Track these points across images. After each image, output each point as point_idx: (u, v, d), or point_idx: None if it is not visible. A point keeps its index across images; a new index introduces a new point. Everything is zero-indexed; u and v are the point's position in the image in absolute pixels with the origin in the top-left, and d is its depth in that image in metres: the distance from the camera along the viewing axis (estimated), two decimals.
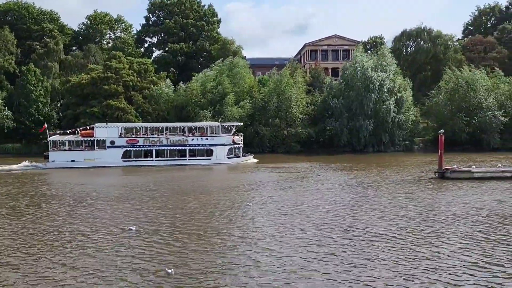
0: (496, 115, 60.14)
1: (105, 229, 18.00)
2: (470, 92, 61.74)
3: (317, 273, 12.69)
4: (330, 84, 65.92)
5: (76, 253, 14.77)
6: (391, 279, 12.20)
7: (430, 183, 30.89)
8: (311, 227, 17.78)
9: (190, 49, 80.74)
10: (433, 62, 75.14)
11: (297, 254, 14.34)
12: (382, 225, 18.15)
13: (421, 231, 17.19)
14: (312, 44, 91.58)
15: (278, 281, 12.10)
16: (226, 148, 48.00)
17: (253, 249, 14.96)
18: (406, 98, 62.36)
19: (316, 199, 24.50)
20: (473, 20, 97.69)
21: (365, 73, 59.42)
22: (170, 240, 16.23)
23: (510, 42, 79.43)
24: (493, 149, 59.19)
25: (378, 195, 25.51)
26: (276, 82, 61.65)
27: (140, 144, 46.53)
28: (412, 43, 78.73)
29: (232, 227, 17.98)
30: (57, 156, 44.87)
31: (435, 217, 19.62)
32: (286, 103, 59.93)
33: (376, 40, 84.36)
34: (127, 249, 15.14)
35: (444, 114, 61.81)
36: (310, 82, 70.19)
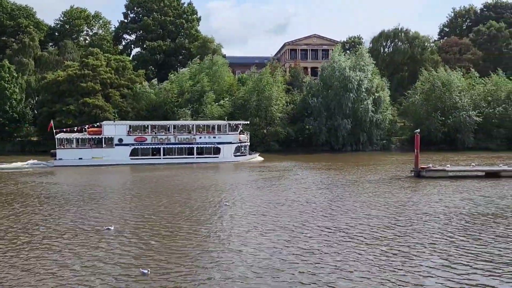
0: (471, 115, 61.49)
1: (81, 229, 17.73)
2: (446, 93, 62.98)
3: (288, 274, 12.73)
4: (309, 83, 66.31)
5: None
6: (361, 280, 12.35)
7: (406, 182, 31.41)
8: (286, 227, 17.84)
9: (169, 47, 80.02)
10: (410, 63, 76.30)
11: (270, 254, 14.37)
12: (357, 224, 18.36)
13: (395, 229, 17.45)
14: (292, 43, 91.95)
15: (251, 283, 12.12)
16: (233, 146, 48.40)
17: (228, 249, 14.94)
18: (384, 98, 63.20)
19: (293, 198, 24.61)
20: (449, 22, 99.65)
21: (343, 72, 60.02)
22: (148, 240, 16.07)
23: (485, 44, 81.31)
24: (467, 148, 60.54)
25: (355, 194, 25.81)
26: (256, 81, 61.69)
27: (148, 142, 46.59)
28: (389, 44, 79.74)
29: (209, 227, 17.92)
30: (64, 154, 44.49)
31: (409, 215, 19.96)
32: (265, 101, 60.03)
33: (354, 40, 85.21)
34: (103, 249, 14.94)
35: (420, 114, 62.87)
36: (289, 81, 70.45)
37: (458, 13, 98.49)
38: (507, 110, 62.22)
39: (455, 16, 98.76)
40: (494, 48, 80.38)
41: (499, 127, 62.86)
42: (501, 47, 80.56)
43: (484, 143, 62.11)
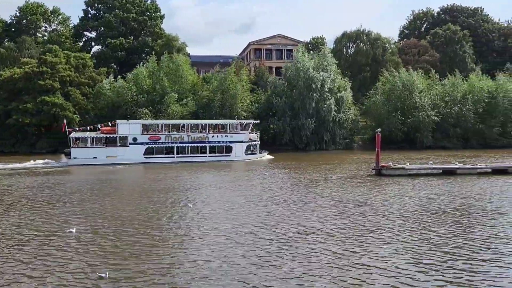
0: (429, 115, 63.61)
1: (43, 232, 17.12)
2: (406, 93, 64.90)
3: (248, 276, 12.76)
4: (273, 83, 66.74)
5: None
6: (314, 278, 12.52)
7: (367, 180, 32.11)
8: (248, 228, 17.81)
9: (131, 44, 78.44)
10: (372, 64, 78.10)
11: (230, 256, 14.34)
12: (317, 222, 18.59)
13: (355, 227, 17.79)
14: (257, 42, 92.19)
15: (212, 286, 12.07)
16: (244, 145, 49.27)
17: (189, 252, 14.76)
18: (346, 98, 64.46)
19: (257, 198, 24.64)
20: (409, 24, 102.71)
21: (307, 73, 60.76)
22: (109, 242, 15.68)
23: (442, 46, 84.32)
24: (426, 147, 62.57)
25: (317, 193, 26.14)
26: (220, 80, 61.48)
27: (162, 141, 46.98)
28: (352, 45, 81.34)
29: (170, 229, 17.66)
30: (79, 152, 44.49)
31: (368, 212, 20.41)
32: (230, 101, 59.93)
33: (318, 40, 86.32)
34: (62, 252, 14.47)
35: (382, 114, 64.48)
36: (254, 81, 70.62)
37: (417, 15, 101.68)
38: (462, 110, 64.79)
39: (414, 18, 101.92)
40: (450, 50, 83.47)
41: (455, 127, 65.42)
42: (456, 49, 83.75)
43: (442, 142, 64.46)
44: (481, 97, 65.88)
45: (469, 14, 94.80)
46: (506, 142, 65.77)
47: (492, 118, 66.03)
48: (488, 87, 66.83)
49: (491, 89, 66.75)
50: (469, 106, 64.88)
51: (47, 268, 13.12)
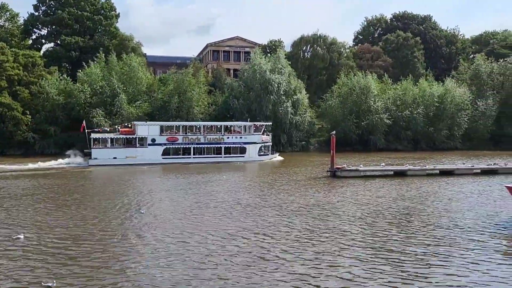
0: (382, 118, 65.71)
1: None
2: (361, 97, 66.75)
3: (200, 280, 12.69)
4: (231, 85, 66.75)
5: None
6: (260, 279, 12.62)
7: (322, 182, 32.72)
8: (202, 232, 17.68)
9: (85, 43, 75.95)
10: (328, 67, 79.75)
11: (181, 262, 14.20)
12: (272, 224, 18.73)
13: (310, 228, 18.06)
14: (215, 44, 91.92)
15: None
16: (258, 146, 50.69)
17: (140, 260, 14.47)
18: (302, 101, 65.51)
19: (213, 202, 24.53)
20: (363, 30, 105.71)
21: (264, 75, 61.25)
22: (57, 249, 15.07)
23: (393, 52, 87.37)
24: (378, 149, 64.59)
25: (272, 195, 26.33)
26: (177, 81, 60.74)
27: (180, 142, 48.03)
28: (309, 49, 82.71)
29: (121, 235, 17.21)
30: (99, 153, 45.27)
31: (322, 213, 20.78)
32: (187, 103, 59.34)
33: (275, 43, 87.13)
34: (7, 260, 13.76)
35: (337, 116, 65.97)
36: (212, 82, 70.34)
37: (370, 22, 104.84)
38: (413, 114, 67.38)
39: (368, 24, 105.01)
40: (402, 56, 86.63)
41: (406, 130, 67.95)
42: (407, 55, 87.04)
43: (393, 144, 66.78)
44: (430, 101, 68.76)
45: (419, 22, 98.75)
46: (453, 144, 69.04)
47: (440, 122, 69.09)
48: (437, 92, 69.85)
49: (440, 94, 69.82)
50: (420, 110, 67.55)
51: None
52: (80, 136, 54.77)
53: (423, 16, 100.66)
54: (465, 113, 70.00)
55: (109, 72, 59.38)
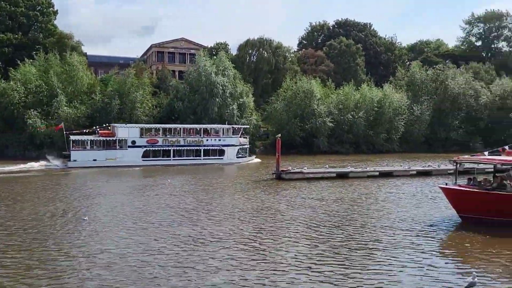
0: (325, 121, 67.43)
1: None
2: (306, 100, 68.15)
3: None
4: (175, 87, 65.75)
5: None
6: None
7: (267, 184, 32.99)
8: (145, 238, 17.26)
9: (19, 40, 71.75)
10: (273, 71, 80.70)
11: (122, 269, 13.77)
12: (217, 227, 18.61)
13: (251, 230, 18.11)
14: (159, 45, 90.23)
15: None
16: (236, 148, 51.51)
17: (80, 267, 13.86)
18: (248, 104, 65.82)
19: (157, 207, 23.99)
20: (307, 35, 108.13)
21: (209, 77, 60.90)
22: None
23: (336, 57, 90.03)
24: (322, 152, 66.17)
25: (218, 198, 26.19)
26: (119, 82, 58.83)
27: (160, 144, 48.29)
28: (255, 52, 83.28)
29: (62, 243, 16.39)
30: (78, 155, 44.93)
31: (266, 215, 20.94)
32: (130, 104, 57.64)
33: (221, 46, 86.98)
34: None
35: (282, 120, 66.87)
36: (156, 84, 68.88)
37: (314, 27, 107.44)
38: (355, 118, 69.76)
39: (312, 30, 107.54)
40: (344, 61, 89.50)
41: (348, 133, 70.15)
42: (349, 61, 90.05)
43: (336, 147, 68.69)
44: (370, 106, 71.49)
45: (360, 29, 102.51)
46: (391, 147, 72.16)
47: (380, 125, 72.02)
48: (376, 97, 72.77)
49: (379, 99, 72.80)
50: (361, 114, 70.04)
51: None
52: (17, 137, 51.88)
53: (364, 24, 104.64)
54: (402, 117, 73.41)
55: (47, 71, 56.36)
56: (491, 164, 22.13)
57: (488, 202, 18.91)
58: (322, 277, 12.67)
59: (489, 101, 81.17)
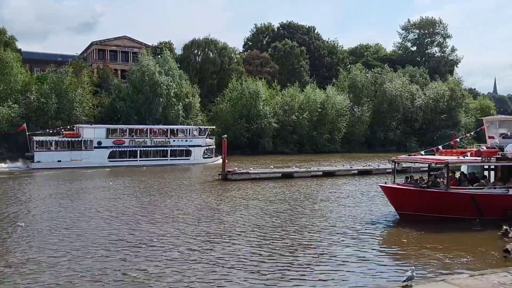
0: (271, 122, 68.31)
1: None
2: (251, 101, 68.61)
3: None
4: (118, 86, 63.81)
5: None
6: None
7: (214, 185, 32.87)
8: (85, 243, 16.56)
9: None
10: (219, 72, 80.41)
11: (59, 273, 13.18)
12: (157, 230, 18.25)
13: (196, 232, 17.95)
14: (100, 43, 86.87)
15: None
16: (202, 149, 51.80)
17: (15, 276, 13.09)
18: (194, 104, 65.25)
19: (99, 209, 23.15)
20: (252, 36, 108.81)
21: (153, 77, 59.72)
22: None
23: (281, 59, 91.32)
24: (267, 152, 66.90)
25: (162, 200, 25.72)
26: (57, 81, 56.02)
27: (126, 144, 48.03)
28: (200, 52, 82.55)
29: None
30: (42, 156, 44.00)
31: (211, 217, 20.84)
32: (68, 104, 55.08)
33: (165, 45, 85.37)
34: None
35: (228, 120, 66.93)
36: (97, 83, 66.42)
37: (259, 29, 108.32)
38: (299, 119, 71.18)
39: (257, 31, 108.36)
40: (288, 63, 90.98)
41: (292, 134, 71.51)
42: (294, 63, 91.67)
43: (281, 147, 69.79)
44: (314, 107, 73.27)
45: (304, 32, 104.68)
46: (333, 147, 74.39)
47: (323, 126, 74.01)
48: (319, 98, 74.70)
49: (322, 100, 74.77)
50: (305, 115, 71.57)
51: None
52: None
53: (308, 27, 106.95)
54: (344, 118, 75.89)
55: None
56: (426, 163, 23.44)
57: (423, 199, 19.99)
58: (264, 277, 12.76)
59: (423, 103, 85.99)
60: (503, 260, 14.33)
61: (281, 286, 12.17)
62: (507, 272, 10.84)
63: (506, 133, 22.49)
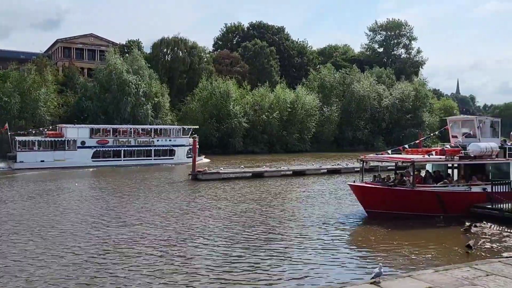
0: (241, 122, 68.32)
1: None
2: (221, 101, 68.42)
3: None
4: (84, 85, 62.33)
5: None
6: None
7: (184, 186, 32.58)
8: (41, 249, 16.12)
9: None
10: (189, 71, 79.79)
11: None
12: (125, 232, 17.96)
13: (165, 233, 17.74)
14: (66, 41, 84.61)
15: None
16: (186, 148, 51.85)
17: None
18: (164, 103, 64.48)
19: (60, 214, 22.54)
20: (222, 36, 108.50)
21: (121, 76, 58.68)
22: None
23: (251, 59, 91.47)
24: (237, 152, 66.92)
25: (130, 202, 25.30)
26: (19, 79, 54.14)
27: (110, 144, 48.06)
28: (170, 51, 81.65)
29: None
30: (25, 156, 43.71)
31: (179, 218, 20.65)
32: (32, 103, 53.35)
33: (133, 43, 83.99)
34: None
35: (198, 120, 66.52)
36: (63, 82, 64.65)
37: (229, 28, 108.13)
38: (269, 118, 71.52)
39: (227, 31, 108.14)
40: (258, 63, 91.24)
41: (263, 133, 71.77)
42: (263, 63, 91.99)
43: (251, 147, 69.93)
44: (284, 107, 73.79)
45: (273, 32, 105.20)
46: (303, 147, 75.16)
47: (292, 126, 74.64)
48: (289, 98, 75.28)
49: (292, 100, 75.39)
50: (275, 114, 71.96)
51: None
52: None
53: (278, 27, 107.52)
54: (313, 118, 76.77)
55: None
56: (393, 162, 24.00)
57: (390, 197, 20.46)
58: (234, 277, 12.73)
59: (390, 103, 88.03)
60: (465, 255, 14.84)
61: (250, 286, 12.17)
62: (469, 267, 11.22)
63: (468, 132, 23.26)
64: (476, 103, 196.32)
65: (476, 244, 15.85)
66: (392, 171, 26.79)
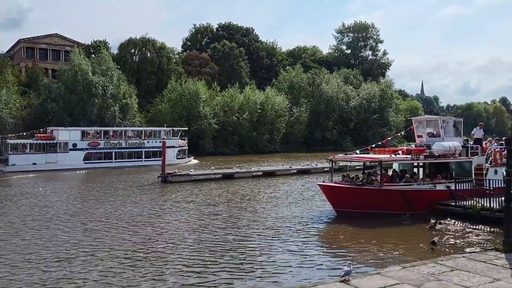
0: (211, 123, 68.04)
1: None
2: (191, 102, 67.94)
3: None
4: (48, 86, 60.59)
5: None
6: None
7: (153, 188, 32.12)
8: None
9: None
10: (157, 72, 78.85)
11: None
12: (89, 238, 17.59)
13: (132, 238, 17.45)
14: (29, 40, 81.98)
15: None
16: (176, 150, 52.51)
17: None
18: (132, 105, 63.46)
19: (21, 219, 21.82)
20: (191, 36, 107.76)
21: (86, 77, 57.42)
22: None
23: (220, 60, 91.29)
24: (207, 153, 66.57)
25: (98, 205, 24.76)
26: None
27: (101, 146, 48.67)
28: (138, 52, 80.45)
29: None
30: (17, 159, 43.99)
31: (147, 221, 20.36)
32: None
33: (100, 44, 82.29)
34: None
35: (167, 121, 65.70)
36: (25, 83, 62.63)
37: (198, 29, 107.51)
38: (239, 119, 71.54)
39: (196, 32, 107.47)
40: (228, 64, 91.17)
41: (233, 134, 71.70)
42: (233, 64, 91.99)
43: (221, 148, 69.75)
44: (254, 108, 73.98)
45: (243, 33, 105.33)
46: (273, 147, 75.58)
47: (262, 127, 74.94)
48: (259, 99, 75.54)
49: (262, 101, 75.68)
50: (245, 115, 72.04)
51: None
52: None
53: (247, 28, 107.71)
54: (283, 119, 77.31)
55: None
56: (362, 162, 24.43)
57: (359, 196, 20.81)
58: (204, 279, 12.63)
59: (357, 104, 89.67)
60: (431, 251, 15.26)
61: (220, 287, 12.11)
62: (435, 262, 11.54)
63: (432, 132, 23.94)
64: (439, 103, 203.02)
65: (441, 241, 16.34)
66: (360, 170, 27.25)
